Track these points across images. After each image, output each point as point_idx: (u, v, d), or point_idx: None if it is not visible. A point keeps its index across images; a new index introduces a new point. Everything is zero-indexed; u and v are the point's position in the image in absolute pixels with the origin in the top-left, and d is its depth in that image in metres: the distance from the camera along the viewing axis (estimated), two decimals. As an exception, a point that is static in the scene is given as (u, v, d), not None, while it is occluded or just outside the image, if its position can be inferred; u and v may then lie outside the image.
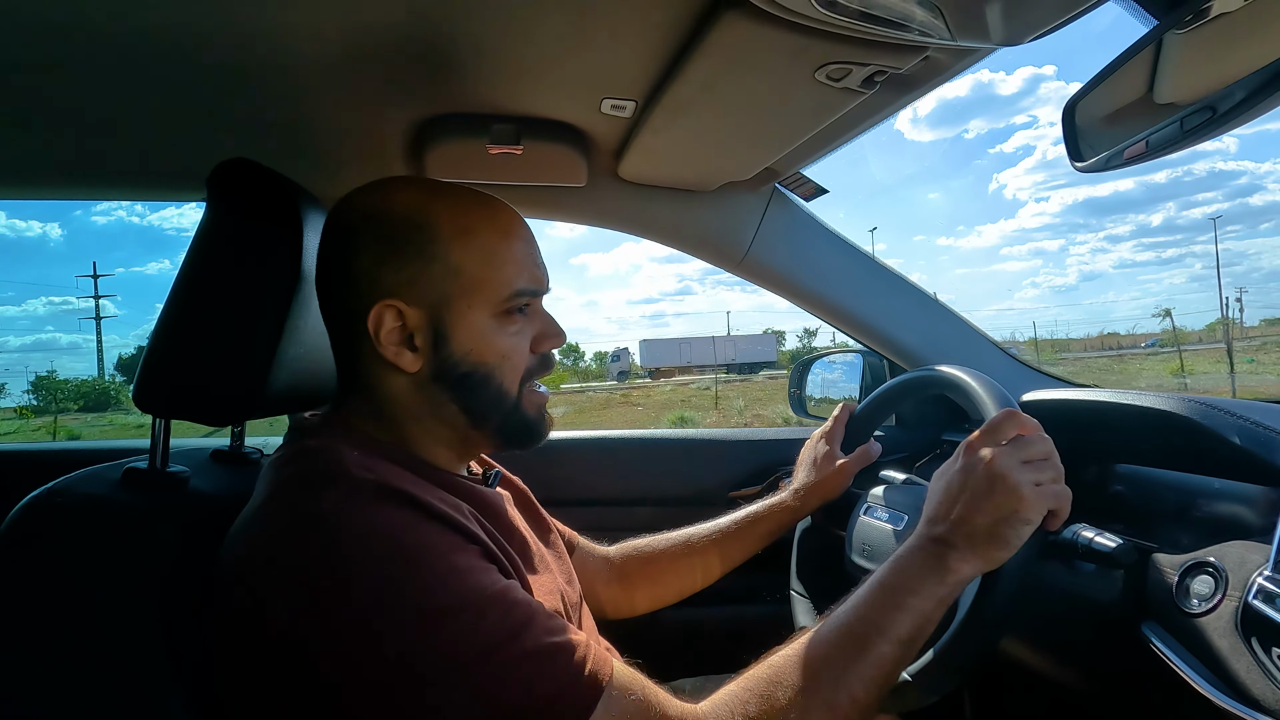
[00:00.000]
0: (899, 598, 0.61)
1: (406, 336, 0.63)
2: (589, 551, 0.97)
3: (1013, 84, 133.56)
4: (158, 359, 0.67)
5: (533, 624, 0.53)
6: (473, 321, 0.64)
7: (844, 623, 0.61)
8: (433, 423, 0.66)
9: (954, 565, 0.61)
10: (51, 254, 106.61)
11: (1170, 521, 0.78)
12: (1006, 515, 0.60)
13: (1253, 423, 0.71)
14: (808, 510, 0.97)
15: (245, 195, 0.70)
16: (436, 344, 0.63)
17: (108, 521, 0.61)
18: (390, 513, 0.54)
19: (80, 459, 0.78)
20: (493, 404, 0.66)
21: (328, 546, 0.51)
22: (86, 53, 0.75)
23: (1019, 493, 0.60)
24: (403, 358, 0.63)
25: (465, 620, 0.51)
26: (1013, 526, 0.60)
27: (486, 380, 0.65)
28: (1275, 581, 0.57)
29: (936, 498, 0.65)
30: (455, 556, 0.54)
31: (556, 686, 0.51)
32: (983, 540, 0.61)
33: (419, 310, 0.63)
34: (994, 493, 0.61)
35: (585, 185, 1.08)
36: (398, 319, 0.62)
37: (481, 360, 0.64)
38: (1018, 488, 0.60)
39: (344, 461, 0.57)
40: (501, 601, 0.53)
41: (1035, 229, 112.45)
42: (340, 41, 0.74)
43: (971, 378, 0.79)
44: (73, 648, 0.56)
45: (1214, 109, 0.46)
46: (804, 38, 0.66)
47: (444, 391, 0.65)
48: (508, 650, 0.51)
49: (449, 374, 0.64)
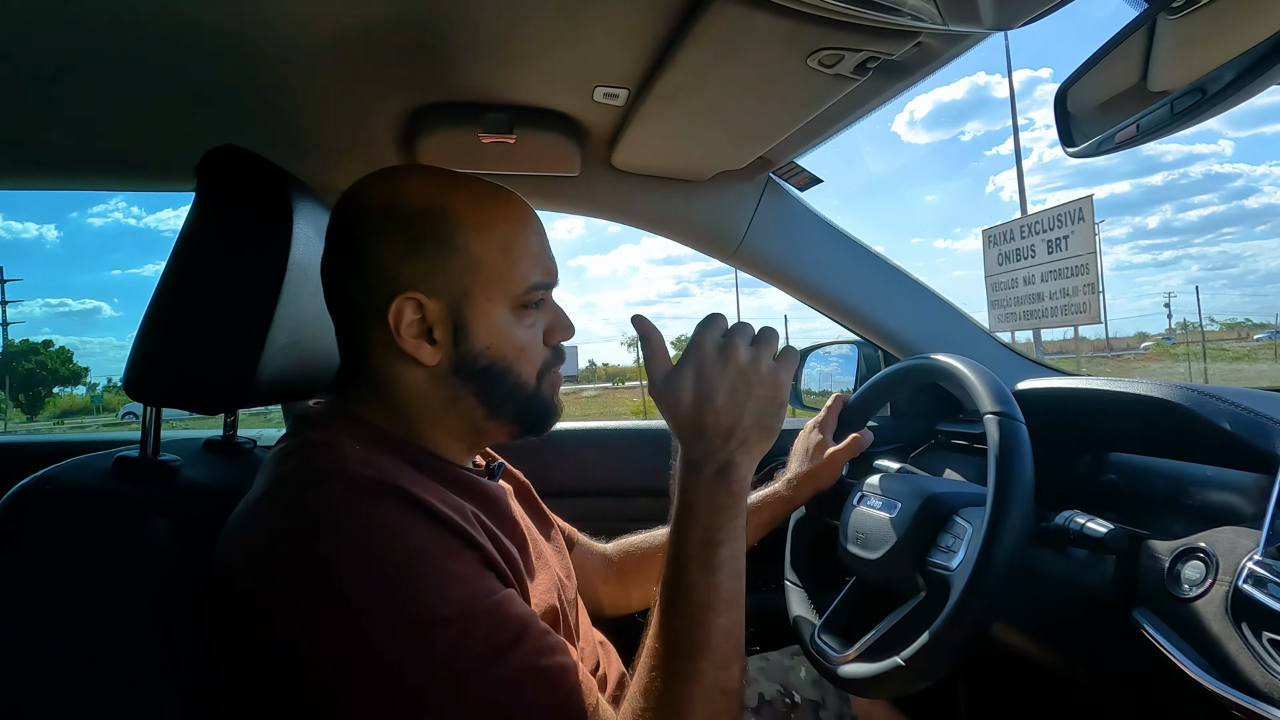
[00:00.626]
0: (708, 558, 0.57)
1: (425, 329, 0.62)
2: (588, 548, 0.97)
3: (1009, 86, 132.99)
4: (148, 347, 0.66)
5: (523, 641, 0.52)
6: (492, 315, 0.63)
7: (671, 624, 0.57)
8: (448, 415, 0.65)
9: (739, 485, 0.58)
10: (48, 256, 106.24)
11: (1162, 509, 0.78)
12: (768, 406, 0.59)
13: (1243, 409, 0.71)
14: (801, 500, 0.97)
15: (235, 183, 0.70)
16: (456, 337, 0.62)
17: (98, 510, 0.61)
18: (387, 513, 0.53)
19: (70, 450, 0.78)
20: (510, 396, 0.65)
21: (321, 546, 0.51)
22: (75, 40, 0.74)
23: (771, 374, 0.59)
24: (422, 351, 0.62)
25: (454, 632, 0.50)
26: (774, 413, 0.59)
27: (505, 374, 0.64)
28: (1265, 566, 0.58)
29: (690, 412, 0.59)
30: (451, 563, 0.53)
31: (538, 713, 0.50)
32: (755, 439, 0.59)
33: (439, 303, 0.62)
34: (750, 385, 0.58)
35: (579, 175, 1.07)
36: (417, 311, 0.61)
37: (501, 354, 0.64)
38: (768, 370, 0.59)
39: (344, 458, 0.56)
40: (492, 615, 0.52)
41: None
42: (332, 29, 0.74)
43: (965, 366, 0.79)
44: (63, 637, 0.56)
45: (1204, 91, 0.46)
46: (795, 23, 0.66)
47: (463, 385, 0.64)
48: (494, 668, 0.50)
49: (469, 367, 0.63)
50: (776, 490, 0.98)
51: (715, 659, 0.55)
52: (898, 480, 0.88)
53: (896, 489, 0.86)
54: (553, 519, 0.89)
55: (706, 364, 0.59)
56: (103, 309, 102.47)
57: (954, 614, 0.64)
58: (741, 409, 0.58)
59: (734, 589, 0.57)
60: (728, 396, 0.58)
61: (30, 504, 0.59)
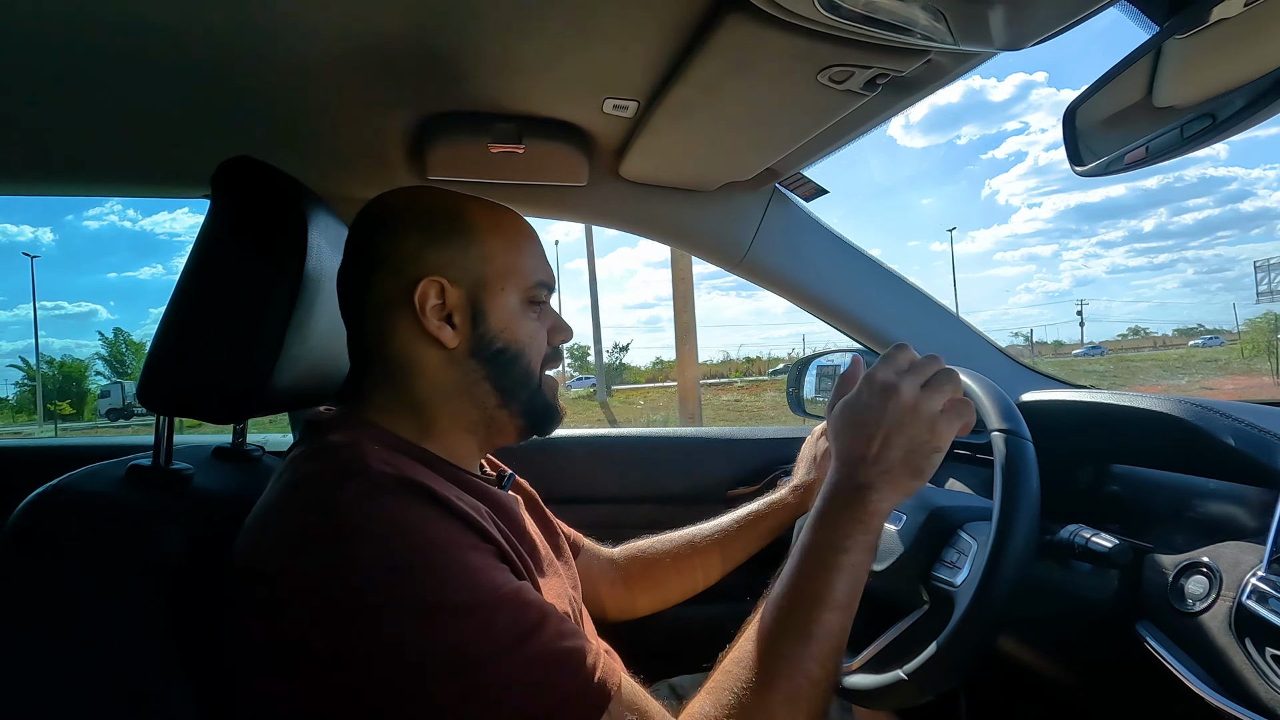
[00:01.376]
0: (831, 558, 0.60)
1: (446, 315, 0.66)
2: (594, 553, 0.98)
3: (1004, 90, 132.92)
4: (162, 356, 0.67)
5: (545, 627, 0.53)
6: (505, 303, 0.68)
7: (783, 604, 0.61)
8: (463, 402, 0.68)
9: (874, 506, 0.61)
10: (44, 258, 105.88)
11: (1165, 522, 0.79)
12: (920, 445, 0.61)
13: (1246, 424, 0.72)
14: (808, 507, 0.98)
15: (249, 193, 0.70)
16: (475, 321, 0.67)
17: (113, 519, 0.61)
18: (409, 507, 0.55)
19: (83, 456, 0.78)
20: (520, 382, 0.70)
21: (346, 539, 0.52)
22: (92, 50, 0.75)
23: (930, 421, 0.61)
24: (444, 332, 0.66)
25: (478, 620, 0.51)
26: (926, 456, 0.62)
27: (517, 358, 0.69)
28: (1268, 582, 0.58)
29: (847, 437, 0.64)
30: (471, 554, 0.55)
31: (564, 694, 0.51)
32: (899, 473, 0.61)
33: (459, 289, 0.67)
34: (906, 424, 0.61)
35: (586, 184, 1.08)
36: (440, 295, 0.66)
37: (514, 338, 0.69)
38: (927, 416, 0.62)
39: (366, 456, 0.57)
40: (513, 602, 0.53)
41: (1028, 234, 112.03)
42: (343, 40, 0.74)
43: (972, 380, 0.80)
44: (77, 646, 0.56)
45: (1214, 116, 0.47)
46: (807, 40, 0.66)
47: (479, 367, 0.68)
48: (518, 652, 0.51)
49: (484, 349, 0.68)
50: (784, 497, 0.98)
51: (812, 648, 0.58)
52: None
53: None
54: (559, 527, 0.90)
55: (873, 396, 0.63)
56: (99, 312, 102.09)
57: (958, 630, 0.65)
58: (892, 444, 0.61)
59: (847, 594, 0.60)
60: (882, 430, 0.62)
61: (45, 513, 0.60)
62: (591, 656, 0.54)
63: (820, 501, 0.64)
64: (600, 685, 0.53)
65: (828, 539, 0.61)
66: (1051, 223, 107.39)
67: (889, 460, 0.61)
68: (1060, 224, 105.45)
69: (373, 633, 0.50)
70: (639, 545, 1.00)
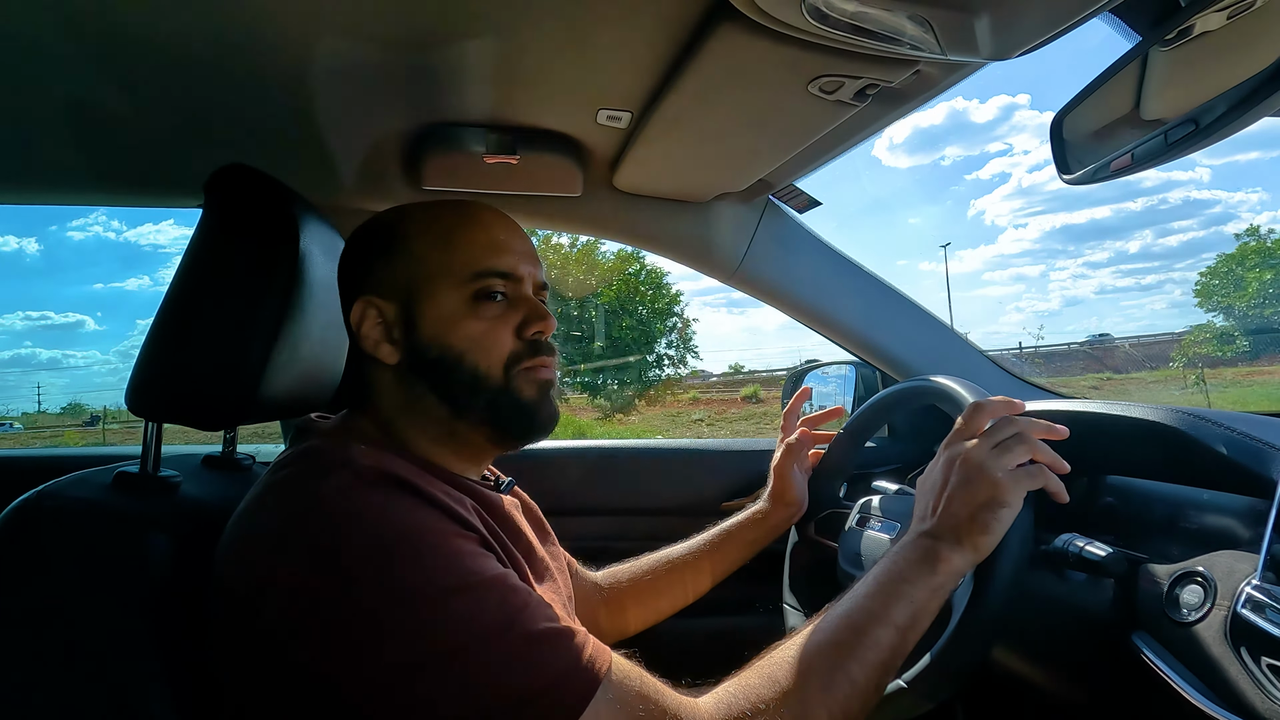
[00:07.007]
0: (894, 587, 0.62)
1: (385, 331, 0.66)
2: (583, 576, 0.98)
3: (987, 112, 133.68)
4: (151, 362, 0.66)
5: (530, 609, 0.53)
6: (440, 307, 0.65)
7: (841, 614, 0.62)
8: (416, 416, 0.67)
9: (944, 555, 0.63)
10: (28, 268, 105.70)
11: (1160, 532, 0.78)
12: (985, 502, 0.63)
13: (1239, 434, 0.72)
14: (777, 518, 0.99)
15: (242, 201, 0.70)
16: (408, 332, 0.66)
17: (98, 525, 0.60)
18: (390, 497, 0.55)
19: (71, 465, 0.78)
20: (469, 390, 0.66)
21: (328, 529, 0.52)
22: (85, 59, 0.75)
23: (993, 479, 0.63)
24: (381, 350, 0.66)
25: (464, 603, 0.51)
26: (992, 512, 0.62)
27: (457, 364, 0.65)
28: (1263, 591, 0.58)
29: (923, 498, 0.68)
30: (453, 540, 0.55)
31: (555, 673, 0.51)
32: (966, 529, 0.63)
33: (392, 303, 0.66)
34: (970, 483, 0.64)
35: (580, 195, 1.08)
36: (377, 316, 0.66)
37: (449, 344, 0.65)
38: (991, 475, 0.63)
39: (348, 452, 0.58)
40: (499, 586, 0.53)
41: (1015, 254, 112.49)
42: (338, 50, 0.75)
43: (965, 390, 0.80)
44: (61, 652, 0.55)
45: (1197, 122, 0.47)
46: (797, 50, 0.67)
47: (420, 380, 0.66)
48: (507, 635, 0.51)
49: (420, 361, 0.66)
50: (760, 508, 1.00)
51: (858, 651, 0.59)
52: (897, 502, 0.88)
53: (895, 511, 0.86)
54: (559, 549, 0.89)
55: (941, 462, 0.68)
56: (86, 323, 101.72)
57: (954, 638, 0.64)
58: (955, 501, 0.64)
59: (904, 618, 0.61)
60: (946, 492, 0.65)
61: (29, 519, 0.59)
62: (580, 636, 0.54)
63: (894, 545, 0.67)
64: (590, 663, 0.52)
65: (895, 572, 0.63)
66: (1038, 243, 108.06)
67: (955, 516, 0.64)
68: (1047, 244, 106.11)
69: (358, 622, 0.49)
70: (620, 567, 1.00)
